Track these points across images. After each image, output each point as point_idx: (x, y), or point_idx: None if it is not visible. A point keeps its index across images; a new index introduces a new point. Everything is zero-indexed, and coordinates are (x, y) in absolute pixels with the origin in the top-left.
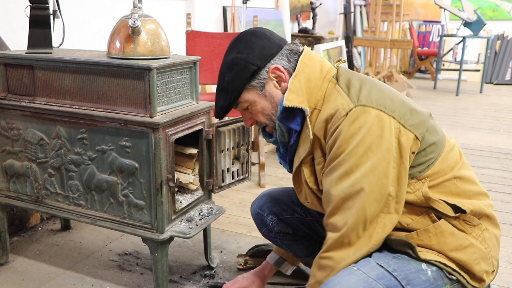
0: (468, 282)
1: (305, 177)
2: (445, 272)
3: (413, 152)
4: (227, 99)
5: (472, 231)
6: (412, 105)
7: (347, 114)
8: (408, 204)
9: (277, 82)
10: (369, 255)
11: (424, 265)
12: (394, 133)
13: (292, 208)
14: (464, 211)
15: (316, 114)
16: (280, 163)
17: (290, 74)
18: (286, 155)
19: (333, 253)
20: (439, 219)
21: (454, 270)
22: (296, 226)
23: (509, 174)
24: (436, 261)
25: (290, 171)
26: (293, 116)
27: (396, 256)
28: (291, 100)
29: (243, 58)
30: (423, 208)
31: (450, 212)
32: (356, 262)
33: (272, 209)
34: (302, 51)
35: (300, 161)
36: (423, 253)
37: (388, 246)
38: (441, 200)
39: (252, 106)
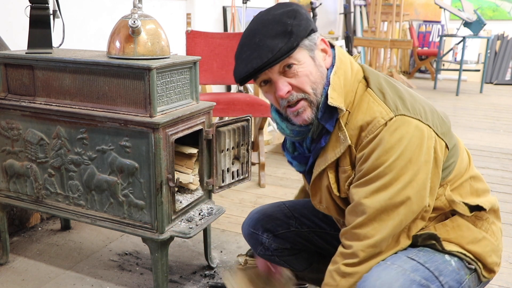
0: (481, 273)
1: (330, 182)
2: (465, 262)
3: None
4: (289, 42)
5: (481, 225)
6: (438, 111)
7: (386, 124)
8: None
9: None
10: None
11: (447, 256)
12: (433, 143)
13: (287, 222)
14: (484, 210)
15: (345, 116)
16: (290, 162)
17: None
18: (303, 155)
19: (363, 263)
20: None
21: (473, 260)
22: (293, 240)
23: (509, 174)
24: (458, 251)
25: (301, 171)
26: (331, 115)
27: (421, 249)
28: (335, 98)
29: (303, 13)
30: (443, 211)
31: (467, 212)
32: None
33: (266, 226)
34: (333, 45)
35: (325, 166)
36: (446, 245)
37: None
38: (461, 202)
39: (299, 67)
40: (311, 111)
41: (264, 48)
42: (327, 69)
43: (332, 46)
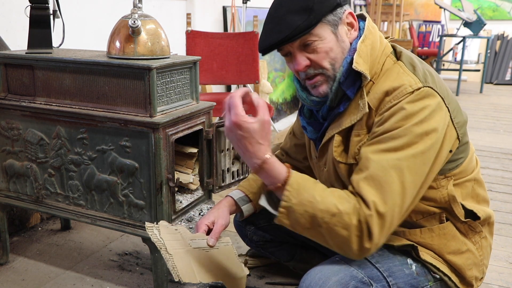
0: (456, 285)
1: (333, 145)
2: (430, 270)
3: (451, 151)
4: (308, 19)
5: (472, 237)
6: (458, 104)
7: (413, 92)
8: (427, 200)
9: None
10: None
11: (409, 260)
12: (445, 127)
13: (268, 216)
14: (478, 218)
15: (369, 86)
16: (304, 128)
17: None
18: (318, 121)
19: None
20: (447, 220)
21: (445, 275)
22: (274, 233)
23: (509, 174)
24: (431, 264)
25: (313, 138)
26: (353, 82)
27: (382, 250)
28: (360, 64)
29: None
30: (439, 208)
31: (462, 216)
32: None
33: (249, 219)
34: (364, 16)
35: (338, 131)
36: (423, 254)
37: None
38: (460, 203)
39: (319, 43)
40: (327, 86)
41: (284, 23)
42: (353, 41)
43: (364, 19)
